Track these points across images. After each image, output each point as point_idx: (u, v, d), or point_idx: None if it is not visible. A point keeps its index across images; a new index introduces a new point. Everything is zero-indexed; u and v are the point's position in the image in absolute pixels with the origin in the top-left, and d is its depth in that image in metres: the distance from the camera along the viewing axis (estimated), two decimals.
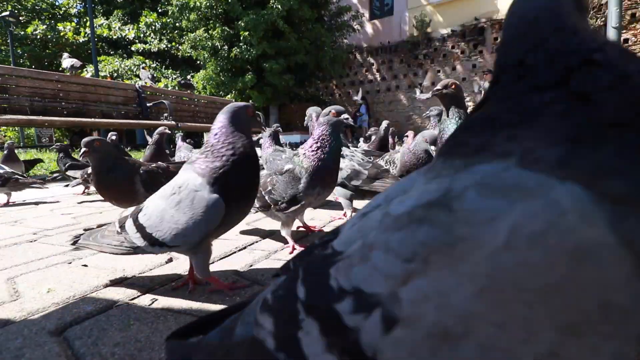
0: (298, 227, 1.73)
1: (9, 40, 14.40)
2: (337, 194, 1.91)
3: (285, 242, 1.55)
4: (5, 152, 3.75)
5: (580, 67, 0.32)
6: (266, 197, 1.44)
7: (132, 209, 1.10)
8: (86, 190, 3.33)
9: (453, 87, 1.38)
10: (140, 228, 0.98)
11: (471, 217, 0.29)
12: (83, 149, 1.53)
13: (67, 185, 3.43)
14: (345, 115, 1.42)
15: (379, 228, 0.36)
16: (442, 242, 0.30)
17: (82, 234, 1.16)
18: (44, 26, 16.16)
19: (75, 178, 3.30)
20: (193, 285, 1.09)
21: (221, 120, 1.06)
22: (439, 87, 1.40)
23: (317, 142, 1.40)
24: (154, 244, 0.98)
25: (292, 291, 0.40)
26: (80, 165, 3.41)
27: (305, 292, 0.39)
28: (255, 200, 1.39)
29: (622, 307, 0.26)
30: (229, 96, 12.30)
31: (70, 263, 1.34)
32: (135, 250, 1.01)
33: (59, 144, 3.79)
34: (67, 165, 3.34)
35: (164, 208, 0.98)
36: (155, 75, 11.59)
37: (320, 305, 0.37)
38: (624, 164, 0.27)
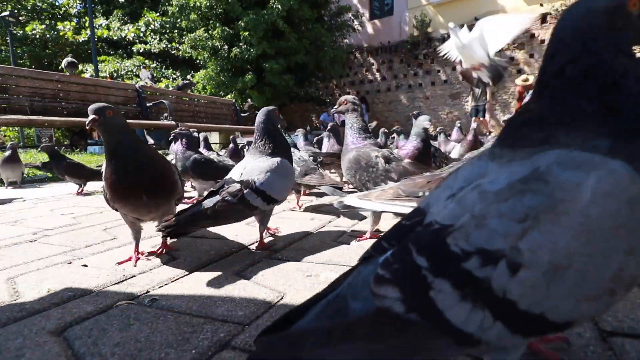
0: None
1: (9, 40, 14.39)
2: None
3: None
4: (8, 152, 3.73)
5: (610, 88, 0.47)
6: None
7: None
8: (83, 189, 3.32)
9: (344, 103, 1.68)
10: (260, 193, 1.34)
11: (563, 185, 0.43)
12: (91, 117, 1.13)
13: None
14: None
15: (482, 202, 0.46)
16: (547, 204, 0.42)
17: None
18: (43, 26, 16.14)
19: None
20: (262, 243, 1.48)
21: (262, 117, 1.53)
22: (336, 106, 1.75)
23: None
24: (268, 202, 1.38)
25: (411, 263, 0.48)
26: (76, 165, 3.37)
27: (427, 261, 0.47)
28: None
29: None
30: (229, 96, 12.30)
31: (70, 263, 1.34)
32: (251, 210, 1.35)
33: (45, 145, 3.69)
34: (65, 163, 3.32)
35: (273, 177, 1.38)
36: (155, 75, 11.59)
37: (448, 267, 0.46)
38: None
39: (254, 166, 1.43)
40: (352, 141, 1.63)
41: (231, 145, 4.10)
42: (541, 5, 11.76)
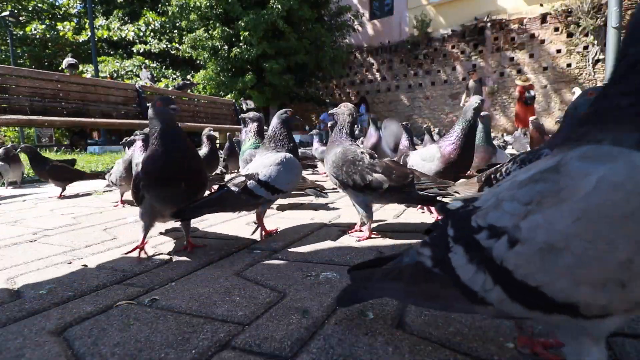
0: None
1: (9, 40, 14.39)
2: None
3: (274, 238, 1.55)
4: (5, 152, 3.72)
5: None
6: None
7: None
8: (63, 193, 3.17)
9: (344, 107, 1.73)
10: (263, 184, 1.50)
11: (571, 174, 0.46)
12: (174, 107, 1.34)
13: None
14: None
15: (508, 189, 0.54)
16: (551, 190, 0.47)
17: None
18: (43, 26, 16.14)
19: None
20: (266, 231, 1.64)
21: (276, 121, 1.73)
22: (336, 108, 1.77)
23: None
24: (273, 193, 1.53)
25: (444, 232, 0.62)
26: (61, 167, 3.21)
27: (453, 231, 0.60)
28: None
29: None
30: (229, 96, 12.30)
31: (70, 263, 1.34)
32: (255, 199, 1.50)
33: (25, 145, 3.50)
34: (49, 166, 3.15)
35: (277, 169, 1.55)
36: (154, 75, 11.59)
37: (464, 236, 0.57)
38: None
39: (260, 161, 1.62)
40: (338, 138, 1.70)
41: (227, 144, 4.12)
42: (541, 5, 11.76)
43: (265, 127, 2.47)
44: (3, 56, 16.13)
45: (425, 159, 2.03)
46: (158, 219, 1.46)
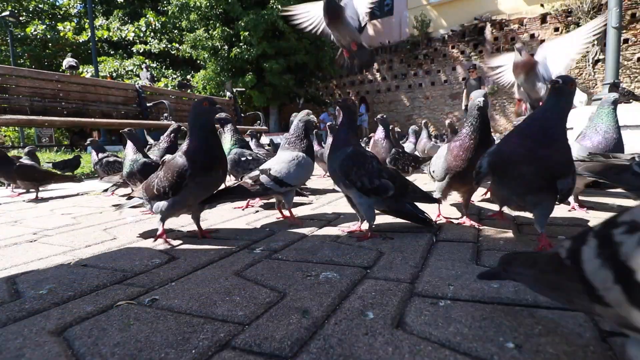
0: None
1: (9, 40, 14.39)
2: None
3: (286, 238, 1.55)
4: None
5: None
6: None
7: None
8: (18, 193, 3.13)
9: (350, 102, 1.78)
10: (273, 178, 1.78)
11: None
12: (218, 106, 1.56)
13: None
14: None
15: None
16: None
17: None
18: (44, 26, 16.15)
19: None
20: (293, 219, 1.92)
21: (296, 122, 1.98)
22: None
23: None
24: (281, 186, 1.79)
25: (588, 230, 0.60)
26: (29, 167, 3.10)
27: (600, 226, 0.58)
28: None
29: None
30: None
31: (70, 263, 1.34)
32: (265, 190, 1.78)
33: None
34: (17, 167, 3.03)
35: (288, 166, 1.82)
36: (154, 75, 11.59)
37: (604, 230, 0.55)
38: None
39: (275, 158, 1.88)
40: (343, 139, 1.68)
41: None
42: (541, 5, 11.76)
43: (264, 127, 2.55)
44: (3, 56, 16.13)
45: (438, 156, 1.92)
46: (181, 211, 1.63)
